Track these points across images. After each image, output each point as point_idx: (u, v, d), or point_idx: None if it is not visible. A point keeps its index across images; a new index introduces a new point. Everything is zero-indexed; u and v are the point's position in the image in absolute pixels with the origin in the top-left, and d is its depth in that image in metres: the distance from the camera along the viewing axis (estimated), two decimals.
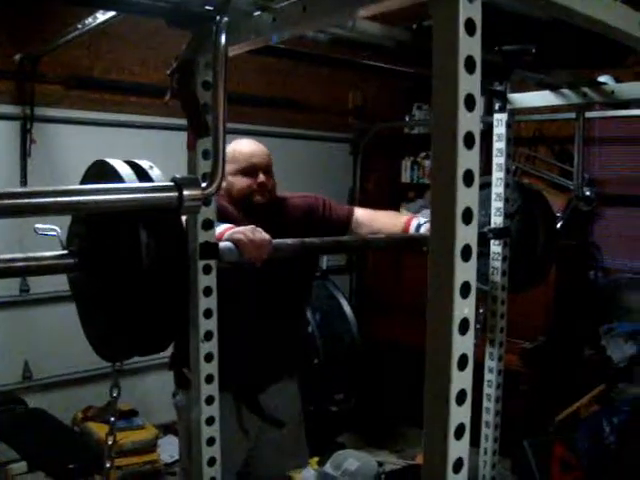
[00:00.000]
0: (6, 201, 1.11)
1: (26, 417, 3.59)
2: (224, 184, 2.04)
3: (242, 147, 2.16)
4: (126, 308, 1.20)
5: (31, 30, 3.66)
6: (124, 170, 1.20)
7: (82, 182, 1.30)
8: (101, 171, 1.25)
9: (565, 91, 2.17)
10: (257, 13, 1.30)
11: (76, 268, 1.28)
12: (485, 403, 2.36)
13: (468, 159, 0.89)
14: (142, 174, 1.22)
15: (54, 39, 3.40)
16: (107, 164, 1.23)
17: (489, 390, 2.35)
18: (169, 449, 4.07)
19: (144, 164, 1.25)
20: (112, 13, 2.79)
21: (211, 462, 1.58)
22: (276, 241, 1.70)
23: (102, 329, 1.31)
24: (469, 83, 0.89)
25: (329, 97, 5.12)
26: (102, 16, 2.91)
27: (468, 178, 0.89)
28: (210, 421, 1.57)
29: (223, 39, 1.27)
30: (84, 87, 3.98)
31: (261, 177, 2.13)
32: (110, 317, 1.26)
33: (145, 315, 1.19)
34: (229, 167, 2.08)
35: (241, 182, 2.12)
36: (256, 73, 4.45)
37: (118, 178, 1.19)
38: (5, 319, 3.86)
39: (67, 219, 1.36)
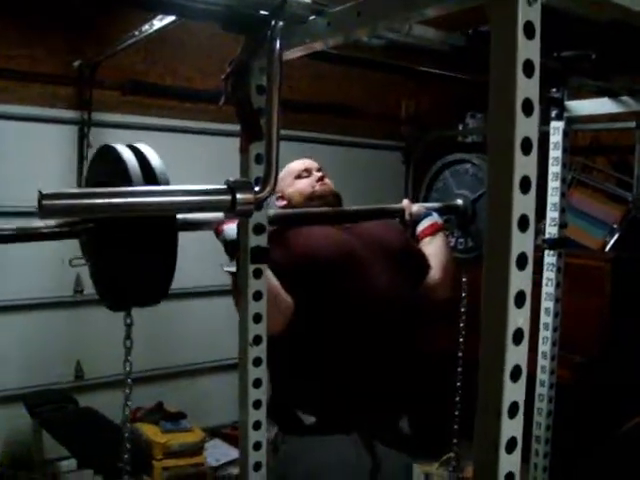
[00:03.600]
0: (65, 201, 1.13)
1: (77, 416, 3.66)
2: (282, 202, 2.13)
3: (291, 163, 2.20)
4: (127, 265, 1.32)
5: (89, 37, 3.76)
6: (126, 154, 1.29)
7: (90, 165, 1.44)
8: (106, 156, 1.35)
9: (625, 98, 2.12)
10: (312, 18, 1.30)
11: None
12: (536, 417, 2.31)
13: (525, 165, 0.87)
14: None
15: (112, 45, 3.49)
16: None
17: (540, 404, 2.30)
18: (215, 453, 4.11)
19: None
20: (168, 20, 2.84)
21: (256, 467, 1.58)
22: None
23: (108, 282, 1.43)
24: (527, 87, 0.87)
25: (382, 105, 5.10)
26: (158, 23, 2.97)
27: (525, 184, 0.87)
28: (257, 425, 1.57)
29: (277, 44, 1.28)
30: (140, 93, 4.07)
31: (316, 173, 2.16)
32: (113, 273, 1.37)
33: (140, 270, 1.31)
34: (286, 182, 2.13)
35: (300, 184, 2.14)
36: (309, 79, 4.47)
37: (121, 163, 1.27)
38: (59, 319, 3.96)
39: None
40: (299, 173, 2.15)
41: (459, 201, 2.22)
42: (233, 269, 1.62)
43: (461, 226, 2.25)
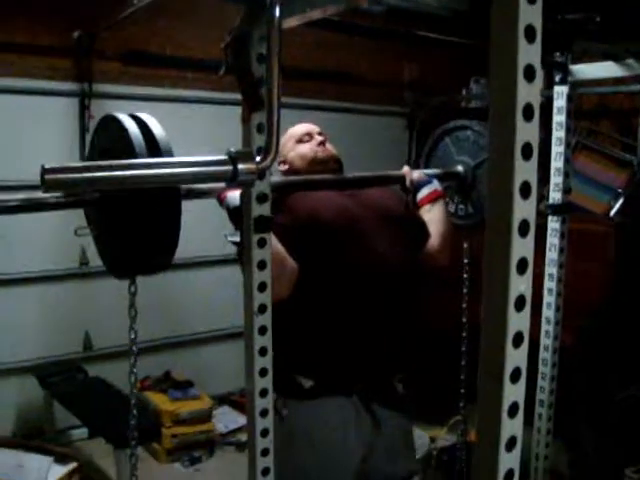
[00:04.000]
0: (67, 175, 1.14)
1: (87, 385, 3.71)
2: (284, 166, 2.14)
3: (293, 127, 2.20)
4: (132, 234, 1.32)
5: (88, 7, 3.71)
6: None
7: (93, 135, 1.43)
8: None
9: (630, 62, 2.09)
10: None
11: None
12: (540, 382, 2.33)
13: (527, 132, 0.87)
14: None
15: (111, 16, 3.45)
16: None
17: (544, 369, 2.32)
18: (224, 419, 4.17)
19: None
20: None
21: (264, 433, 1.61)
22: None
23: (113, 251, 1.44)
24: (529, 53, 0.86)
25: (385, 71, 5.05)
26: None
27: (527, 151, 0.87)
28: (263, 393, 1.59)
29: (277, 12, 1.26)
30: (141, 63, 4.04)
31: (318, 137, 2.15)
32: (120, 241, 1.37)
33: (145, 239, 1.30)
34: (287, 147, 2.14)
35: (302, 148, 2.14)
36: (311, 47, 4.41)
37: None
38: (67, 291, 3.99)
39: None
40: (301, 137, 2.16)
41: (460, 167, 2.21)
42: (237, 239, 1.62)
43: (461, 192, 2.25)
